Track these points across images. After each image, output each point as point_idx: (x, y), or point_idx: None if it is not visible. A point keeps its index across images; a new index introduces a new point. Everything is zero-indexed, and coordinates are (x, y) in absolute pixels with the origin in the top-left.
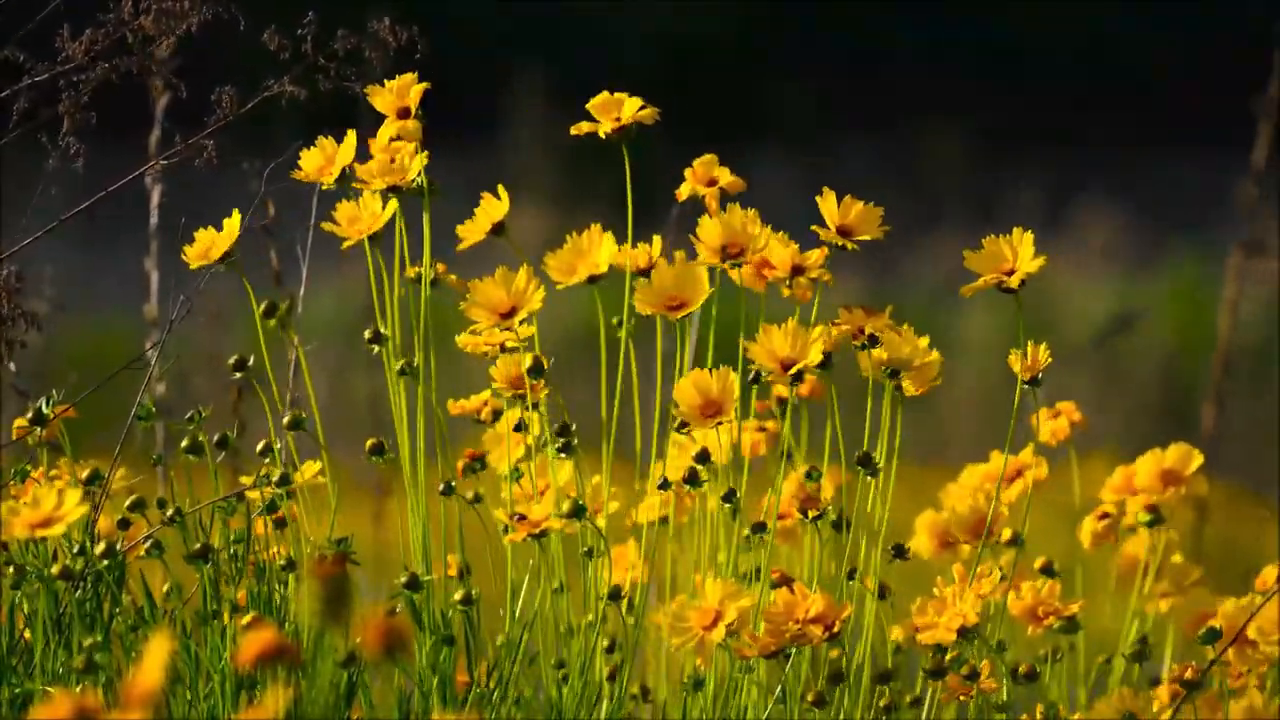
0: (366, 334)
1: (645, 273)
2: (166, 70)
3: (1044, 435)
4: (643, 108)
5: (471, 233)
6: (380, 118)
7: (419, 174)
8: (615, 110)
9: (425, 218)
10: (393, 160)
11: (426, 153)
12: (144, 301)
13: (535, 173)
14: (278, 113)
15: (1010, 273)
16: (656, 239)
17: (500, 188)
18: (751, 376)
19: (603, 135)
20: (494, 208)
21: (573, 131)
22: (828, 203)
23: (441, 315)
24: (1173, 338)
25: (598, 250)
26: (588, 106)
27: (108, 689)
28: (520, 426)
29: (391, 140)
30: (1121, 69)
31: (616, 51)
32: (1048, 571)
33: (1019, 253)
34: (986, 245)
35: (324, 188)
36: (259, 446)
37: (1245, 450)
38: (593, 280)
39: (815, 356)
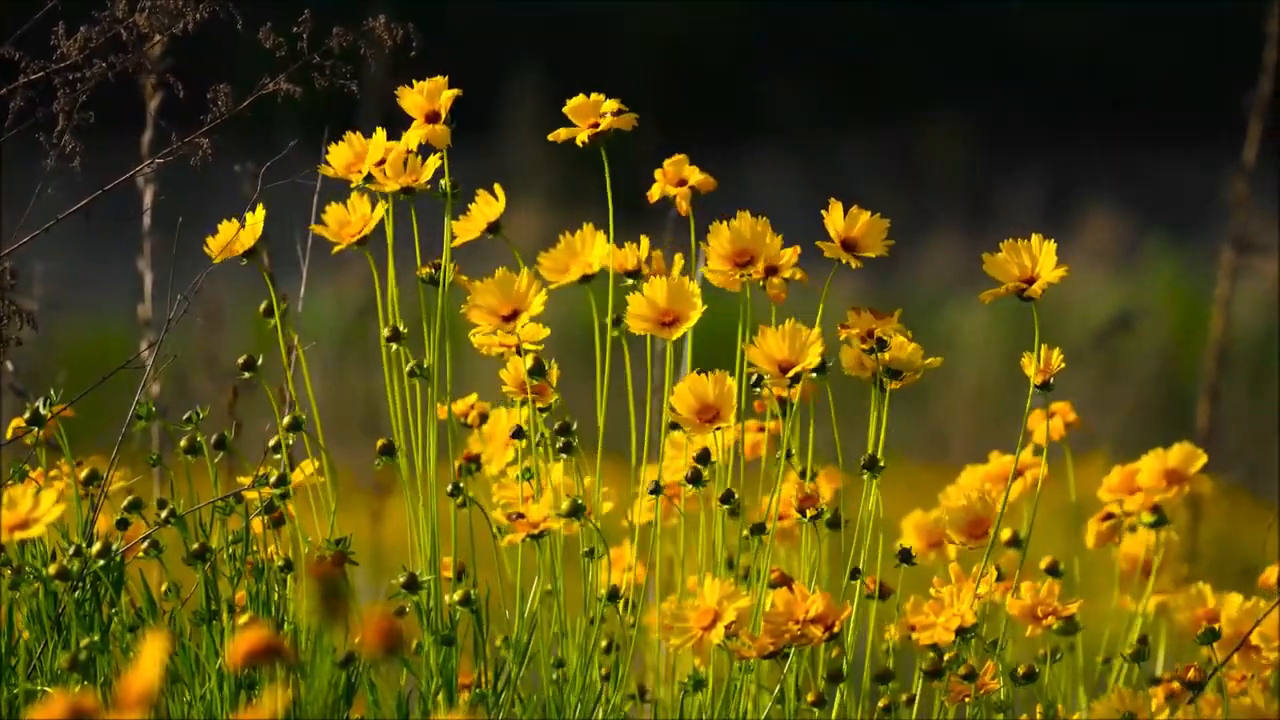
0: (384, 333)
1: (634, 274)
2: (162, 69)
3: (1039, 436)
4: (620, 112)
5: (466, 230)
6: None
7: (435, 175)
8: (592, 114)
9: (447, 219)
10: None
11: (442, 154)
12: (139, 302)
13: (534, 172)
14: (276, 112)
15: (1030, 280)
16: (644, 240)
17: (497, 186)
18: (754, 380)
19: (579, 143)
20: (490, 206)
21: (550, 139)
22: (834, 215)
23: (445, 316)
24: (1170, 337)
25: (590, 249)
26: (564, 110)
27: (106, 689)
28: (519, 433)
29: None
30: (1119, 68)
31: (616, 51)
32: (1053, 571)
33: (1039, 261)
34: (1005, 251)
35: (352, 185)
36: (270, 443)
37: (1243, 447)
38: (586, 280)
39: (813, 359)
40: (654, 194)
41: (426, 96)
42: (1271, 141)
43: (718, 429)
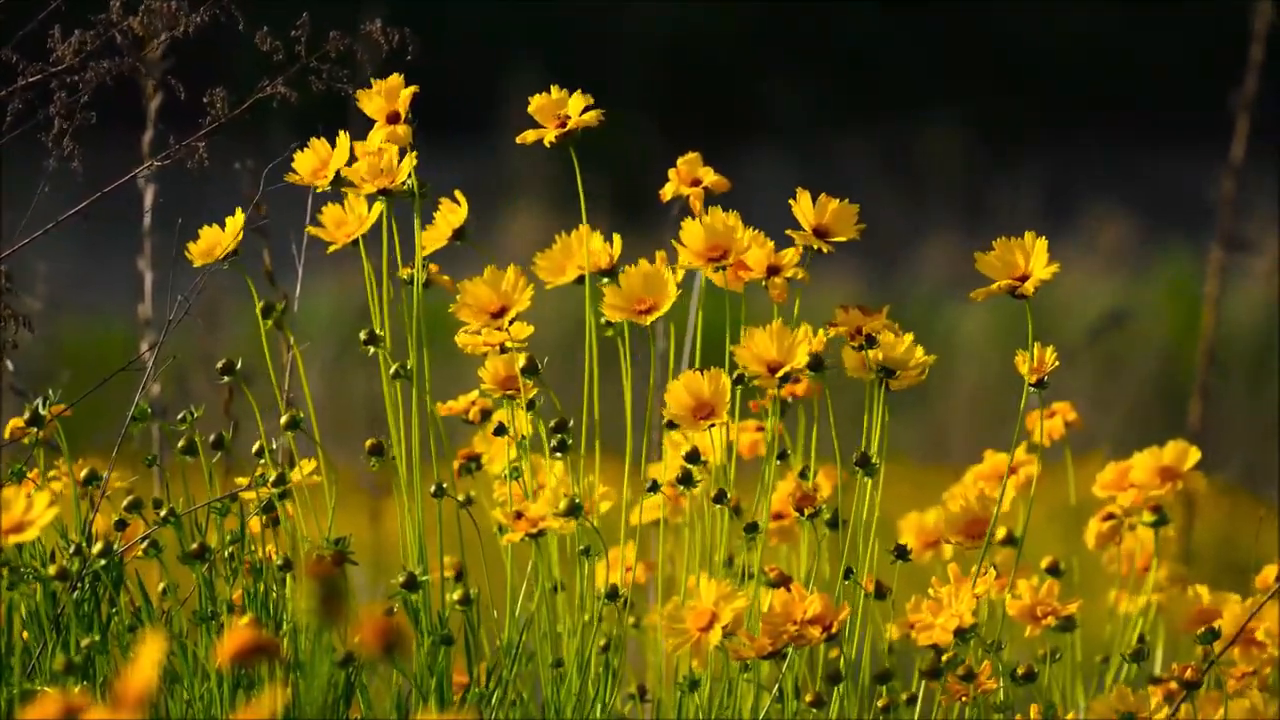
0: (362, 335)
1: (609, 273)
2: (158, 72)
3: (1038, 435)
4: (587, 109)
5: (433, 239)
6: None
7: (409, 176)
8: (558, 113)
9: (416, 221)
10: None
11: (415, 154)
12: (139, 301)
13: (533, 173)
14: (274, 111)
15: (1023, 278)
16: (617, 238)
17: (458, 192)
18: (735, 377)
19: (547, 144)
20: (453, 213)
21: (518, 141)
22: (802, 204)
23: (435, 315)
24: (1170, 336)
25: (586, 250)
26: (529, 110)
27: (105, 689)
28: (501, 430)
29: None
30: (1119, 68)
31: (616, 51)
32: (1053, 571)
33: (1032, 258)
34: (997, 249)
35: (318, 190)
36: (254, 447)
37: (1241, 446)
38: (581, 280)
39: (801, 359)
40: (667, 193)
41: (386, 97)
42: (1262, 140)
43: (712, 426)
